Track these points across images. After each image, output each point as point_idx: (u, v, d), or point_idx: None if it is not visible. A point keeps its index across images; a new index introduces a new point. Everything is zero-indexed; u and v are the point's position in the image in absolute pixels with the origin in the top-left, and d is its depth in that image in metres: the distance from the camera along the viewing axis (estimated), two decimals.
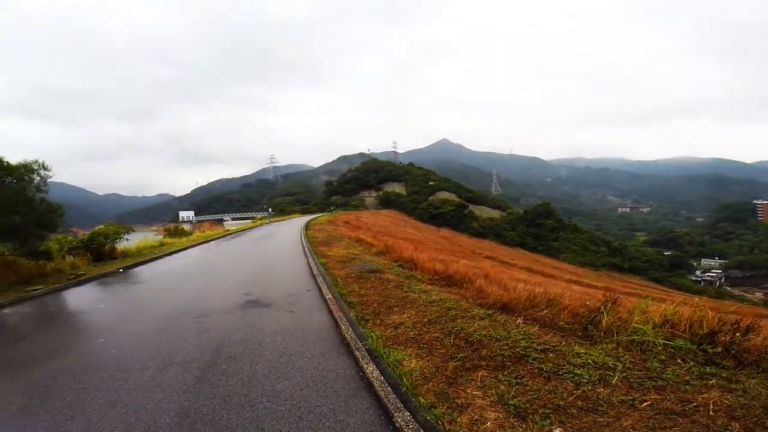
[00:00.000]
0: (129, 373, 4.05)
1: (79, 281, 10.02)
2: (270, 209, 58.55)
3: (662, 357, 3.47)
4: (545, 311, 4.98)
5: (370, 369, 3.67)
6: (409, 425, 2.74)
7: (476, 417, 2.79)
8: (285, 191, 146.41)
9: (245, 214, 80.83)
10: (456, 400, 3.03)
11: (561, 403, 2.86)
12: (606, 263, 71.11)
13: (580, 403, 2.85)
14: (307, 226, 27.65)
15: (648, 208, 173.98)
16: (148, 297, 8.05)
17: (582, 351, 3.67)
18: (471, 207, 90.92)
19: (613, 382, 3.09)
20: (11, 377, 4.12)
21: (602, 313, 4.23)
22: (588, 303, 4.73)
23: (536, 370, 3.38)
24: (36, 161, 10.48)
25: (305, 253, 12.92)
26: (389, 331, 4.73)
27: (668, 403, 2.75)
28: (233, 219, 71.40)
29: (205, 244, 20.02)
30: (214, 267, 11.94)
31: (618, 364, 3.36)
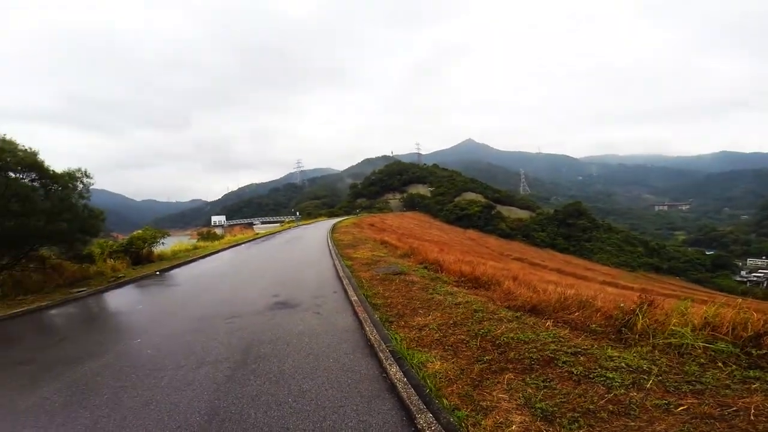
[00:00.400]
0: (164, 372, 4.19)
1: (119, 283, 10.52)
2: (297, 213, 59.65)
3: (702, 360, 3.29)
4: (577, 314, 4.81)
5: (394, 370, 3.65)
6: (431, 426, 2.71)
7: (501, 420, 2.72)
8: (311, 195, 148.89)
9: (274, 218, 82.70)
10: (481, 403, 2.97)
11: (591, 407, 2.77)
12: (643, 264, 68.09)
13: (611, 407, 2.75)
14: (333, 229, 27.99)
15: (687, 206, 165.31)
16: (182, 298, 8.35)
17: (615, 354, 3.53)
18: (498, 208, 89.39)
19: (648, 386, 2.96)
20: (56, 376, 4.33)
21: (637, 315, 4.04)
22: (622, 305, 4.53)
23: (566, 374, 3.27)
24: (79, 169, 11.09)
25: (331, 256, 13.08)
26: (413, 332, 4.70)
27: (706, 408, 2.61)
28: (262, 223, 73.18)
29: (236, 248, 20.61)
30: (244, 269, 12.24)
31: (653, 367, 3.21)
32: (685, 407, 2.65)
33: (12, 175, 9.62)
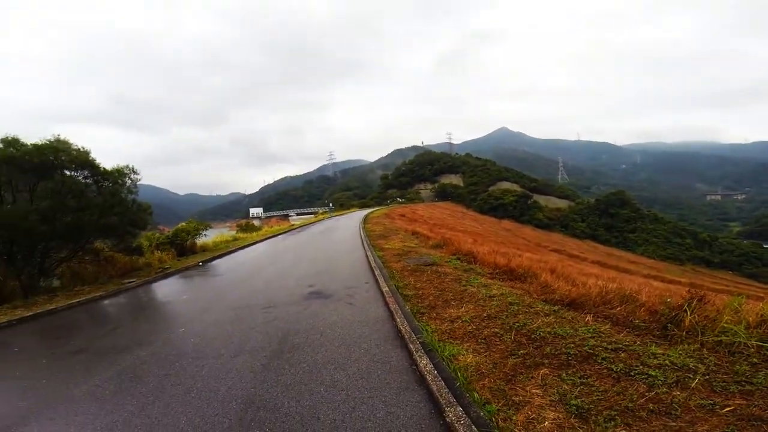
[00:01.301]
0: (205, 361, 4.39)
1: (166, 274, 11.13)
2: (330, 204, 60.60)
3: (754, 360, 3.06)
4: (619, 308, 4.60)
5: (424, 362, 3.63)
6: (460, 420, 2.67)
7: (533, 416, 2.66)
8: (344, 186, 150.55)
9: (308, 210, 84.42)
10: (513, 398, 2.91)
11: (629, 405, 2.66)
12: (692, 257, 63.91)
13: (651, 405, 2.63)
14: (365, 220, 28.20)
15: (743, 195, 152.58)
16: (223, 288, 8.70)
17: (659, 351, 3.35)
18: (535, 197, 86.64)
19: (693, 385, 2.80)
20: (108, 363, 4.61)
21: (685, 311, 3.79)
22: (669, 300, 4.27)
23: (605, 370, 3.14)
24: (127, 166, 11.75)
25: (363, 246, 13.19)
26: (445, 325, 4.65)
27: (754, 409, 2.45)
28: (297, 214, 74.94)
29: (273, 239, 21.24)
30: (280, 260, 12.59)
31: (700, 366, 3.03)
32: (732, 408, 2.50)
33: (67, 173, 10.34)
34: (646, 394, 2.76)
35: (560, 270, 9.70)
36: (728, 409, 2.51)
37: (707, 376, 2.90)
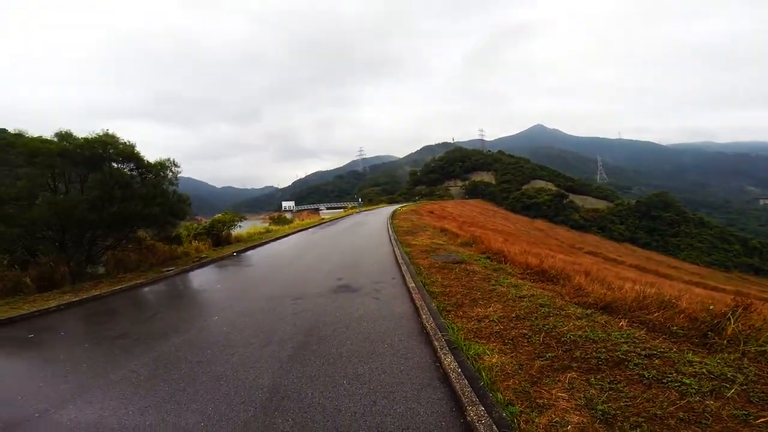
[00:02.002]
0: (235, 349, 4.54)
1: (202, 264, 11.58)
2: (360, 199, 61.12)
3: None
4: (656, 314, 4.39)
5: (448, 360, 3.61)
6: (481, 420, 2.65)
7: (557, 419, 2.60)
8: (373, 182, 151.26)
9: (338, 204, 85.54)
10: (537, 400, 2.85)
11: (658, 412, 2.56)
12: (739, 264, 59.87)
13: (681, 414, 2.53)
14: (393, 216, 28.25)
15: None
16: (255, 278, 8.97)
17: (696, 359, 3.20)
18: (571, 197, 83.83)
19: (728, 394, 2.67)
20: (145, 349, 4.81)
21: (729, 319, 3.58)
22: (711, 307, 4.04)
23: (636, 377, 3.03)
24: (168, 159, 12.35)
25: (391, 242, 13.22)
26: (472, 323, 4.60)
27: None
28: (327, 208, 76.07)
29: (303, 232, 21.69)
30: (310, 253, 12.80)
31: (739, 376, 2.88)
32: (766, 419, 2.37)
33: (114, 165, 10.98)
34: (678, 402, 2.66)
35: (595, 273, 9.36)
36: (762, 419, 2.39)
37: (745, 386, 2.76)
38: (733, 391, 2.70)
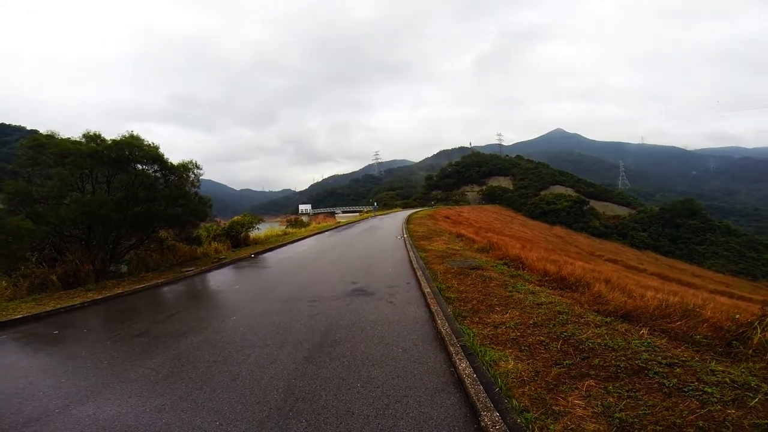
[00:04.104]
0: (252, 350, 4.58)
1: (220, 264, 11.79)
2: (375, 203, 61.25)
3: None
4: (678, 323, 4.28)
5: (463, 366, 3.59)
6: (496, 425, 2.62)
7: (572, 426, 2.55)
8: (388, 186, 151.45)
9: (353, 208, 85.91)
10: (553, 407, 2.81)
11: (678, 421, 2.50)
12: None
13: (701, 422, 2.47)
14: (408, 220, 28.21)
15: None
16: (272, 280, 9.09)
17: (719, 369, 3.11)
18: (592, 203, 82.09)
19: (751, 404, 2.59)
20: (164, 348, 4.87)
21: (755, 328, 3.46)
22: (737, 316, 3.91)
23: (656, 385, 2.96)
24: (191, 161, 12.64)
25: (406, 246, 13.21)
26: (488, 329, 4.56)
27: None
28: (343, 212, 76.48)
29: (319, 235, 21.88)
30: (326, 256, 12.91)
31: (763, 385, 2.81)
32: None
33: (139, 166, 11.32)
34: (698, 411, 2.60)
35: (615, 281, 9.15)
36: None
37: None
38: (756, 400, 2.63)
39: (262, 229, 21.08)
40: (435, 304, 5.75)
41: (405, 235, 16.78)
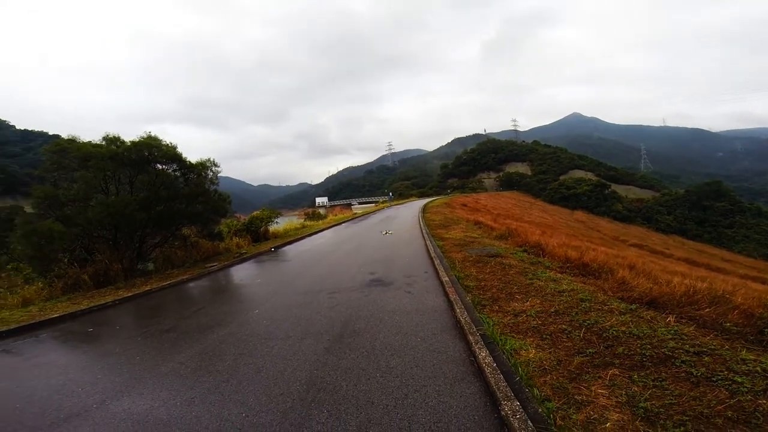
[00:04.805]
0: (275, 342, 4.68)
1: (242, 259, 12.00)
2: (390, 193, 61.23)
3: None
4: (707, 310, 4.15)
5: (483, 354, 3.57)
6: (516, 415, 2.61)
7: (595, 416, 2.52)
8: (403, 176, 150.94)
9: (369, 199, 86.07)
10: (575, 396, 2.77)
11: (705, 411, 2.45)
12: None
13: (729, 413, 2.40)
14: (424, 209, 28.09)
15: None
16: (292, 273, 9.21)
17: (750, 357, 3.01)
18: (614, 187, 79.94)
19: None
20: (194, 342, 4.97)
21: None
22: None
23: (683, 374, 2.89)
24: (209, 159, 12.89)
25: (423, 236, 13.17)
26: (508, 318, 4.52)
27: None
28: (359, 203, 76.76)
29: (336, 227, 22.02)
30: (343, 247, 12.98)
31: None
32: None
33: (159, 166, 11.59)
34: (727, 400, 2.53)
35: (640, 266, 8.92)
36: None
37: None
38: None
39: (281, 223, 21.39)
40: (453, 293, 5.73)
41: (421, 224, 16.72)
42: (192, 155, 12.26)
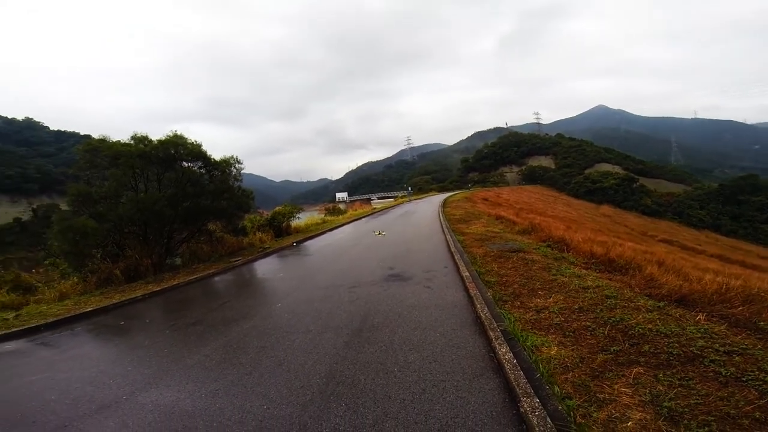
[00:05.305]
0: (296, 336, 4.78)
1: (265, 253, 12.27)
2: (409, 188, 60.99)
3: None
4: (740, 308, 3.98)
5: (503, 350, 3.54)
6: (535, 411, 2.57)
7: (617, 414, 2.47)
8: (422, 170, 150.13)
9: (388, 194, 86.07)
10: (597, 395, 2.72)
11: (732, 411, 2.36)
12: None
13: (758, 414, 2.31)
14: (444, 204, 27.87)
15: None
16: (313, 267, 9.34)
17: None
18: (642, 180, 77.20)
19: None
20: (219, 334, 5.14)
21: None
22: None
23: (711, 374, 2.79)
24: (233, 156, 13.19)
25: (443, 230, 13.08)
26: (530, 314, 4.45)
27: None
28: (378, 198, 76.86)
29: (356, 222, 22.16)
30: (363, 242, 13.03)
31: None
32: None
33: (185, 164, 11.94)
34: (756, 401, 2.43)
35: (670, 263, 8.61)
36: None
37: None
38: None
39: (302, 218, 21.68)
40: (474, 288, 5.68)
41: (441, 218, 16.61)
42: (215, 152, 12.57)
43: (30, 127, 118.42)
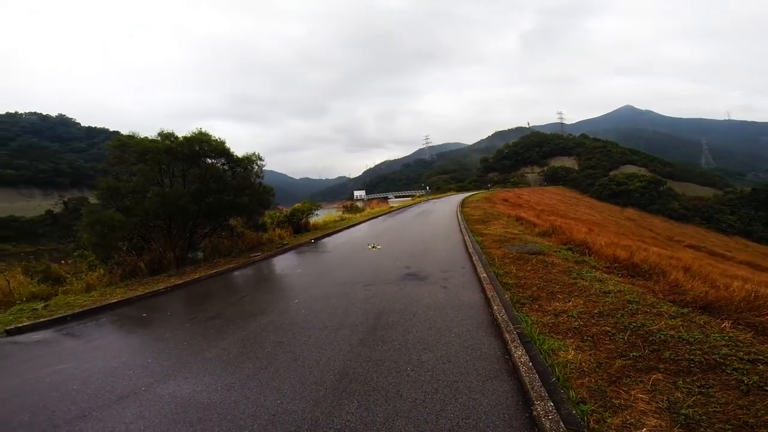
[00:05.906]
0: (312, 332, 4.82)
1: (284, 249, 12.44)
2: (427, 187, 60.71)
3: None
4: None
5: (519, 353, 3.51)
6: (548, 415, 2.55)
7: (631, 420, 2.43)
8: (440, 170, 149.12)
9: (405, 193, 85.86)
10: (613, 400, 2.68)
11: (751, 420, 2.29)
12: None
13: None
14: (463, 204, 27.66)
15: None
16: (330, 264, 9.45)
17: None
18: (669, 183, 74.71)
19: None
20: (237, 328, 5.17)
21: None
22: None
23: (732, 382, 2.72)
24: (254, 153, 13.41)
25: (461, 230, 13.01)
26: (548, 317, 4.40)
27: None
28: (396, 197, 76.80)
29: (373, 220, 22.25)
30: (380, 240, 13.05)
31: None
32: None
33: (209, 160, 12.22)
34: None
35: (696, 269, 8.34)
36: None
37: None
38: None
39: (321, 215, 21.91)
40: (491, 289, 5.64)
41: (459, 219, 16.50)
42: (237, 149, 12.81)
43: (63, 123, 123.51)
